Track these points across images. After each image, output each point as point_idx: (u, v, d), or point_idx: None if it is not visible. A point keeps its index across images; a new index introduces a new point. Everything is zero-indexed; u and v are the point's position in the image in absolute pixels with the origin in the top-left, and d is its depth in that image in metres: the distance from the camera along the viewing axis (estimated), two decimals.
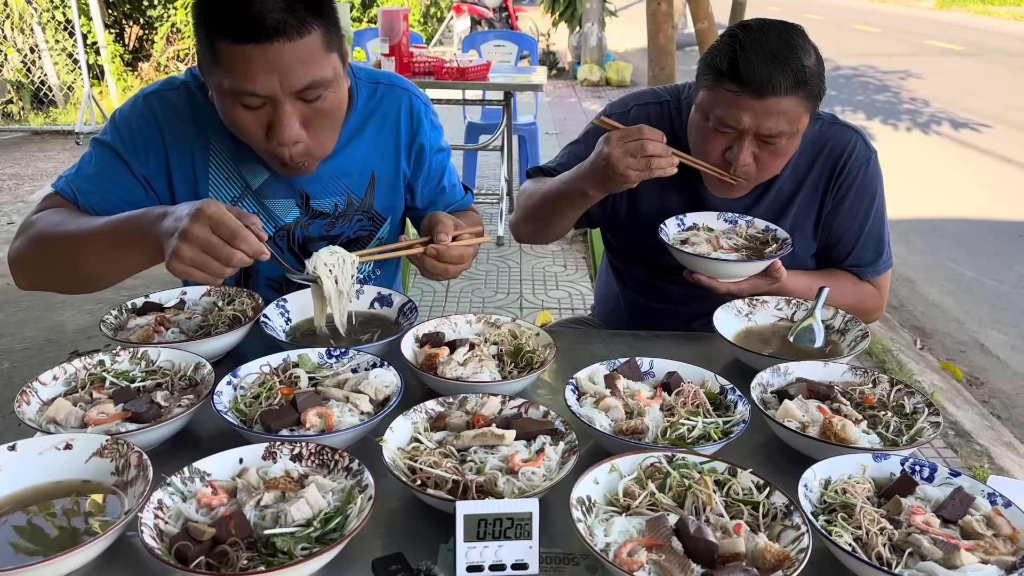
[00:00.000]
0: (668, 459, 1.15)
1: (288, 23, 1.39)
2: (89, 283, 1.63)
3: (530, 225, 2.00)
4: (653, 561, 0.98)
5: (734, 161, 1.69)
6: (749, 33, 1.63)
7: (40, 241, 1.57)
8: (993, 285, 5.25)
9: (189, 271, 1.32)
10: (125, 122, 1.68)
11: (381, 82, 1.81)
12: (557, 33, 14.10)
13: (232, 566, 0.96)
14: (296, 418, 1.25)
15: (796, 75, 1.60)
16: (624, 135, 1.64)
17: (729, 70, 1.62)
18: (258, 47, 1.39)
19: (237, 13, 1.39)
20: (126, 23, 10.75)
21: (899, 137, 9.25)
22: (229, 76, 1.43)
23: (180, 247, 1.30)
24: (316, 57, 1.45)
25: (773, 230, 1.81)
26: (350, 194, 1.79)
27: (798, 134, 1.69)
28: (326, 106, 1.51)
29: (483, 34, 7.97)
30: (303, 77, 1.44)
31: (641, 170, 1.63)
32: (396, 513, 1.15)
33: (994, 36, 19.10)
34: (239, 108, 1.47)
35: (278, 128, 1.48)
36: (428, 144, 1.85)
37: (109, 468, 1.15)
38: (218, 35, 1.41)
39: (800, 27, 1.68)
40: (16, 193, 6.62)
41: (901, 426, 1.31)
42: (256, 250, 1.33)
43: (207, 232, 1.30)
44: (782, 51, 1.60)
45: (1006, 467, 3.24)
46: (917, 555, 1.02)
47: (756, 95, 1.60)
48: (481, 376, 1.41)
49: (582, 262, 5.29)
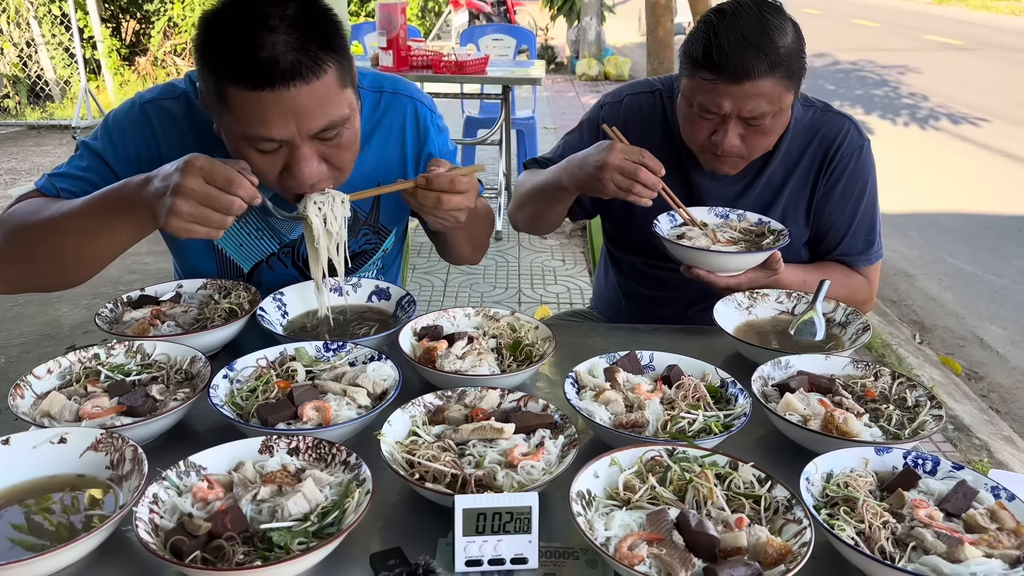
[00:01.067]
0: (669, 453, 1.14)
1: (303, 65, 1.31)
2: (73, 271, 1.52)
3: (522, 214, 2.03)
4: (654, 555, 0.97)
5: (720, 143, 1.69)
6: (723, 18, 1.63)
7: (16, 233, 1.49)
8: (992, 280, 5.24)
9: (189, 227, 1.28)
10: (119, 129, 1.61)
11: (385, 90, 1.75)
12: (555, 27, 14.08)
13: (228, 561, 0.95)
14: (293, 412, 1.24)
15: (770, 57, 1.60)
16: (627, 152, 1.65)
17: (704, 58, 1.63)
18: (272, 93, 1.31)
19: (247, 57, 1.30)
20: (123, 17, 10.71)
21: (898, 132, 9.25)
22: (241, 122, 1.36)
23: (176, 203, 1.26)
24: (332, 96, 1.37)
25: (767, 222, 1.80)
26: (356, 209, 1.74)
27: (783, 111, 1.70)
28: (344, 141, 1.44)
29: (481, 28, 7.94)
30: (320, 119, 1.37)
31: (623, 189, 1.65)
32: (394, 507, 1.14)
33: (993, 31, 19.08)
34: (252, 152, 1.40)
35: (296, 170, 1.41)
36: (437, 152, 1.80)
37: (104, 462, 1.14)
38: (227, 80, 1.33)
39: (776, 4, 1.67)
40: (12, 188, 6.60)
41: (903, 419, 1.31)
42: (251, 194, 1.31)
43: (201, 184, 1.26)
44: (755, 34, 1.60)
45: (1005, 461, 3.24)
46: (920, 549, 1.01)
47: (732, 81, 1.61)
48: (480, 369, 1.40)
49: (581, 257, 5.28)
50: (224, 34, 1.34)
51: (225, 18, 1.35)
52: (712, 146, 1.72)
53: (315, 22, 1.35)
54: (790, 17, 1.67)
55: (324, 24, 1.37)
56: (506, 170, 5.79)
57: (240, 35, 1.31)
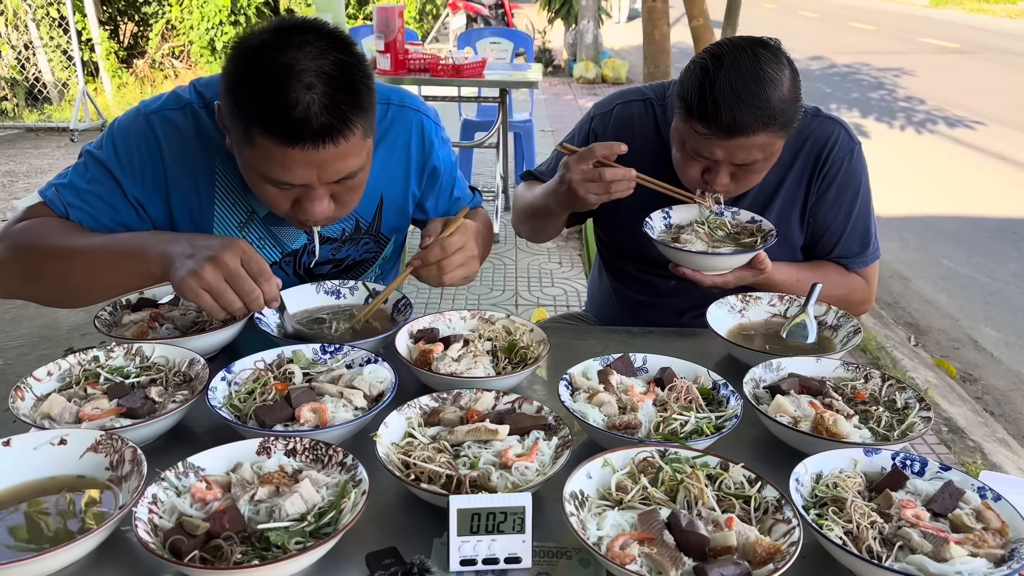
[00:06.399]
0: (661, 454, 1.15)
1: (334, 129, 1.32)
2: (74, 298, 1.59)
3: (524, 228, 2.10)
4: (645, 554, 0.99)
5: (712, 183, 1.71)
6: (720, 68, 1.60)
7: (27, 252, 1.52)
8: (987, 282, 5.26)
9: (200, 293, 1.31)
10: (123, 139, 1.60)
11: (392, 103, 1.74)
12: (553, 30, 14.10)
13: (226, 560, 0.97)
14: (290, 413, 1.25)
15: (764, 114, 1.59)
16: (579, 159, 1.67)
17: (698, 111, 1.62)
18: (301, 151, 1.33)
19: (281, 113, 1.30)
20: (121, 20, 10.73)
21: (894, 135, 9.28)
22: (263, 165, 1.38)
23: (205, 268, 1.30)
24: (355, 151, 1.40)
25: (758, 221, 1.81)
26: (358, 218, 1.76)
27: (775, 154, 1.70)
28: (356, 183, 1.47)
29: (479, 31, 7.96)
30: (341, 171, 1.40)
31: (600, 194, 1.67)
32: (390, 507, 1.16)
33: (989, 34, 19.13)
34: (267, 186, 1.43)
35: (308, 207, 1.44)
36: (441, 165, 1.82)
37: (103, 463, 1.15)
38: (257, 128, 1.33)
39: (774, 47, 1.65)
40: (11, 190, 6.61)
41: (892, 421, 1.32)
42: (273, 295, 1.37)
43: (236, 264, 1.32)
44: (749, 90, 1.58)
45: (999, 463, 3.26)
46: (907, 548, 1.02)
47: (726, 136, 1.61)
48: (475, 372, 1.41)
49: (577, 259, 5.29)
50: (259, 81, 1.33)
51: (262, 62, 1.33)
52: (703, 183, 1.74)
53: (349, 79, 1.35)
54: (787, 61, 1.64)
55: (357, 81, 1.37)
56: (503, 173, 5.81)
57: (276, 88, 1.30)
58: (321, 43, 1.34)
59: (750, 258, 1.68)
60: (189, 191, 1.63)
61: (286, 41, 1.33)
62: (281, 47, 1.32)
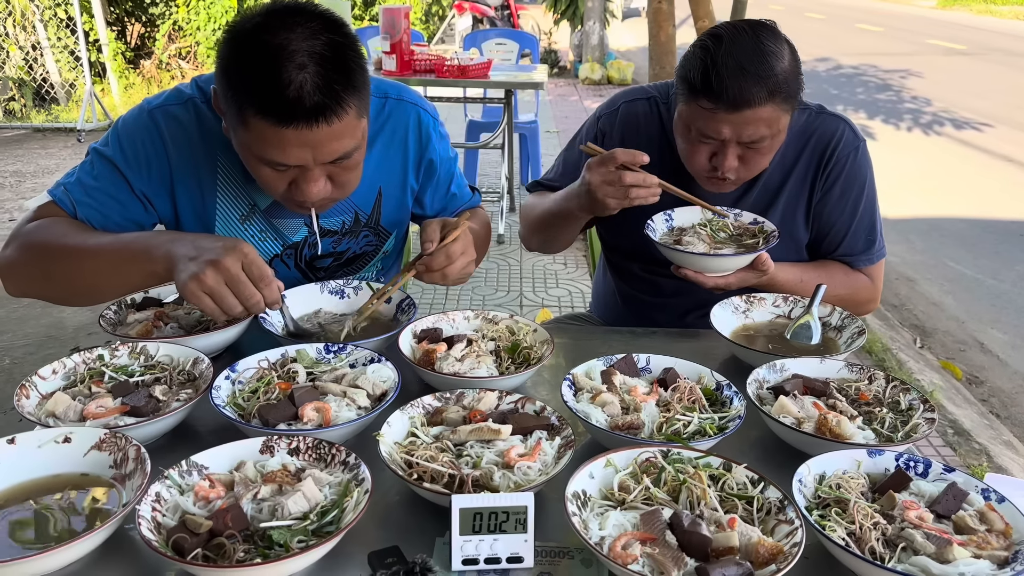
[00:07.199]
0: (663, 454, 1.15)
1: (327, 108, 1.34)
2: (83, 297, 1.61)
3: (536, 240, 2.08)
4: (647, 555, 0.99)
5: (720, 167, 1.70)
6: (719, 45, 1.61)
7: (37, 251, 1.54)
8: (993, 284, 5.25)
9: (202, 297, 1.32)
10: (128, 135, 1.62)
11: (390, 96, 1.77)
12: (559, 31, 14.10)
13: (229, 558, 0.97)
14: (294, 412, 1.26)
15: (769, 84, 1.59)
16: (601, 162, 1.67)
17: (702, 86, 1.62)
18: (295, 131, 1.34)
19: (273, 93, 1.31)
20: (128, 20, 10.76)
21: (900, 136, 9.25)
22: (258, 146, 1.39)
23: (206, 272, 1.31)
24: (349, 131, 1.41)
25: (761, 222, 1.80)
26: (357, 211, 1.77)
27: (781, 132, 1.70)
28: (351, 163, 1.48)
29: (484, 32, 7.97)
30: (336, 151, 1.41)
31: (620, 199, 1.66)
32: (392, 507, 1.16)
33: (996, 35, 19.07)
34: (264, 167, 1.44)
35: (304, 188, 1.45)
36: (438, 158, 1.83)
37: (107, 461, 1.16)
38: (250, 108, 1.35)
39: (771, 26, 1.67)
40: (18, 190, 6.63)
41: (896, 422, 1.32)
42: (274, 299, 1.38)
43: (238, 268, 1.33)
44: (752, 61, 1.59)
45: (1005, 466, 3.25)
46: (910, 550, 1.02)
47: (731, 110, 1.61)
48: (478, 372, 1.41)
49: (582, 260, 5.29)
50: (252, 63, 1.34)
51: (254, 43, 1.34)
52: (712, 169, 1.73)
53: (341, 59, 1.36)
54: (785, 38, 1.66)
55: (349, 60, 1.38)
56: (508, 174, 5.81)
57: (268, 68, 1.31)
58: (313, 24, 1.35)
59: (752, 259, 1.68)
60: (193, 185, 1.65)
61: (278, 23, 1.34)
62: (273, 28, 1.34)
